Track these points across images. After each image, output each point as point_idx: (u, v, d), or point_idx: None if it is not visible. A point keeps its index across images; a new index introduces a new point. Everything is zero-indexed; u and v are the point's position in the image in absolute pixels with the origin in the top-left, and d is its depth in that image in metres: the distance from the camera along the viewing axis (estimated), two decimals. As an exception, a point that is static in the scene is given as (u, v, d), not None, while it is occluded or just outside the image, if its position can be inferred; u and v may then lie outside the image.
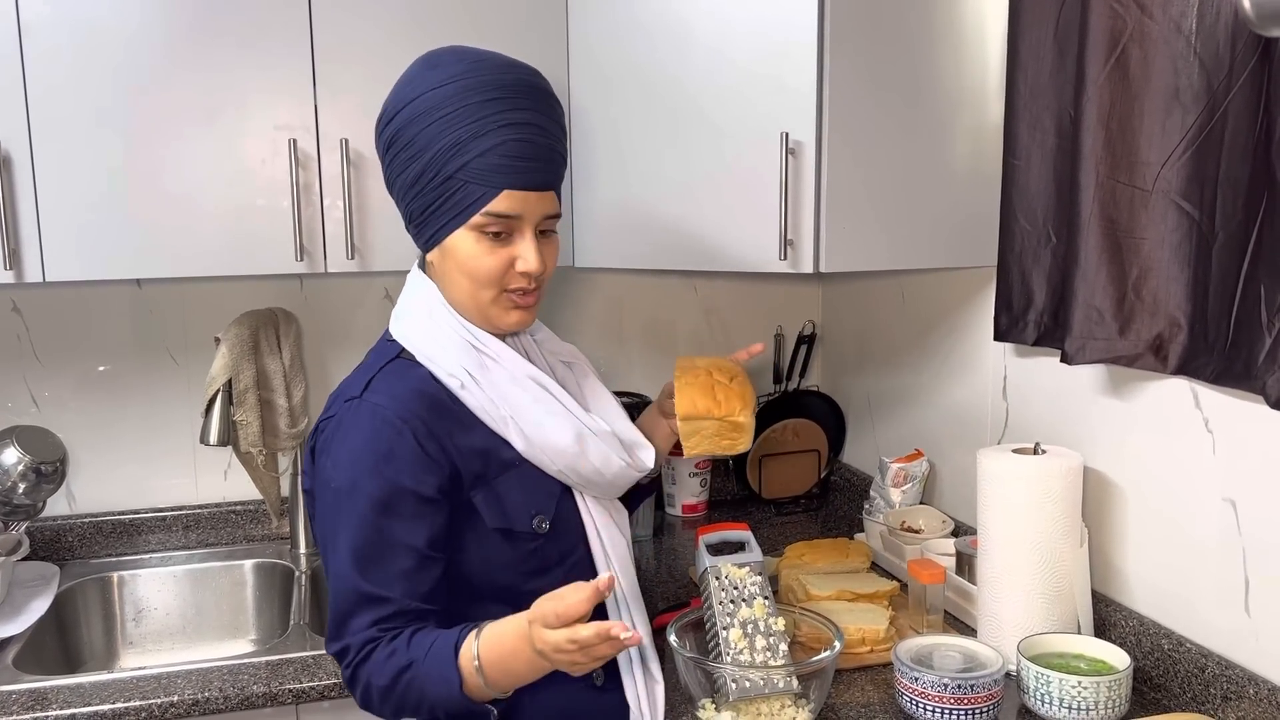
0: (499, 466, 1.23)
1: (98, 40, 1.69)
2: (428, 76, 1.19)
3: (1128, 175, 1.40)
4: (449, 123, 1.17)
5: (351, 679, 1.18)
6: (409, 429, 1.17)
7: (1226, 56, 1.27)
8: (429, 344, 1.24)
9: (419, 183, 1.20)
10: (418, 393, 1.20)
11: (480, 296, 1.23)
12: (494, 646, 1.12)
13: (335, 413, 1.22)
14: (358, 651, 1.16)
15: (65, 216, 1.71)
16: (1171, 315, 1.38)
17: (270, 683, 1.57)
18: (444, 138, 1.17)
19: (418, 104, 1.18)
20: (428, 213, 1.22)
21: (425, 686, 1.14)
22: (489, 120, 1.18)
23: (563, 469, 1.26)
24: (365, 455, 1.16)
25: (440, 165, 1.18)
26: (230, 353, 1.98)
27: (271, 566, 2.10)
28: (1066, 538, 1.47)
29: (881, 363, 2.24)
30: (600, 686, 1.31)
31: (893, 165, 1.64)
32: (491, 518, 1.22)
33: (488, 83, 1.18)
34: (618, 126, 1.77)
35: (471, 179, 1.18)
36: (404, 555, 1.16)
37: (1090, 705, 1.32)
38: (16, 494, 1.79)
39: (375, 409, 1.18)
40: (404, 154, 1.20)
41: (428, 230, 1.23)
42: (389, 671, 1.14)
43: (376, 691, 1.16)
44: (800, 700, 1.34)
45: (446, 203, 1.20)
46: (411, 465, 1.16)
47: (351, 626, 1.17)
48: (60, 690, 1.56)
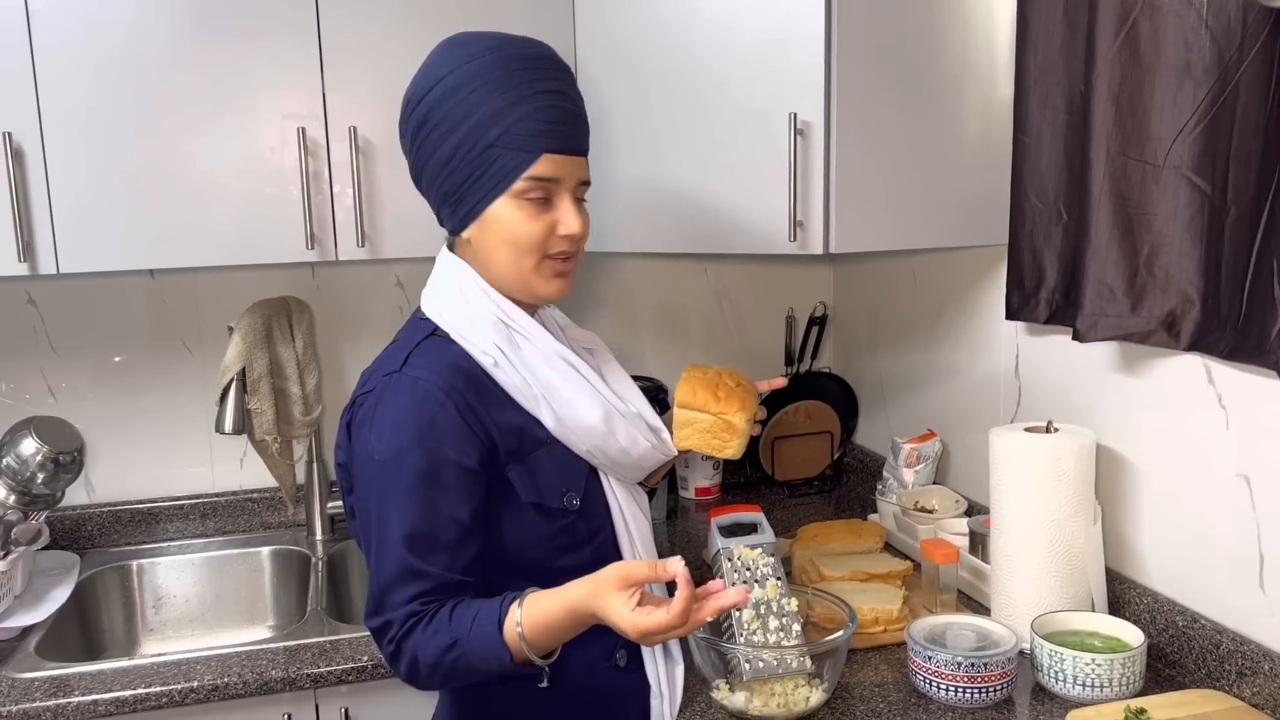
0: (532, 443, 1.24)
1: (107, 32, 1.69)
2: (456, 53, 1.21)
3: (1139, 151, 1.39)
4: (486, 92, 1.18)
5: (395, 654, 1.17)
6: (451, 401, 1.17)
7: (1238, 29, 1.26)
8: (462, 322, 1.24)
9: (455, 157, 1.20)
10: (455, 367, 1.21)
11: (523, 264, 1.24)
12: (537, 620, 1.12)
13: (373, 386, 1.21)
14: (400, 626, 1.16)
15: (77, 208, 1.72)
16: (1184, 291, 1.37)
17: (288, 667, 1.59)
18: (482, 107, 1.18)
19: (450, 80, 1.19)
20: (465, 187, 1.21)
21: (474, 662, 1.15)
22: (525, 87, 1.19)
23: (591, 449, 1.27)
24: (409, 426, 1.16)
25: (479, 135, 1.18)
26: (244, 341, 1.99)
27: (288, 553, 2.12)
28: (1080, 516, 1.47)
29: (893, 343, 2.24)
30: (623, 667, 1.32)
31: (902, 144, 1.64)
32: (526, 492, 1.23)
33: (518, 55, 1.21)
34: (625, 111, 1.76)
35: (512, 145, 1.19)
36: (448, 527, 1.16)
37: (1104, 683, 1.32)
38: (36, 484, 1.81)
39: (416, 381, 1.18)
40: (438, 131, 1.20)
41: (465, 205, 1.23)
42: (434, 650, 1.15)
43: (424, 667, 1.16)
44: (814, 680, 1.35)
45: (486, 173, 1.20)
46: (454, 437, 1.17)
47: (392, 600, 1.16)
48: (82, 677, 1.58)
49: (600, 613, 1.11)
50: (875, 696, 1.39)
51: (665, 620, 1.07)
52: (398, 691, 1.65)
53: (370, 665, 1.61)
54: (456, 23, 1.77)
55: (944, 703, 1.35)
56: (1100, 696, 1.33)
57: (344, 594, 2.09)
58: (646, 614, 1.08)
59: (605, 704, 1.32)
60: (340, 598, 2.06)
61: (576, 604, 1.12)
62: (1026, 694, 1.38)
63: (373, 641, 1.65)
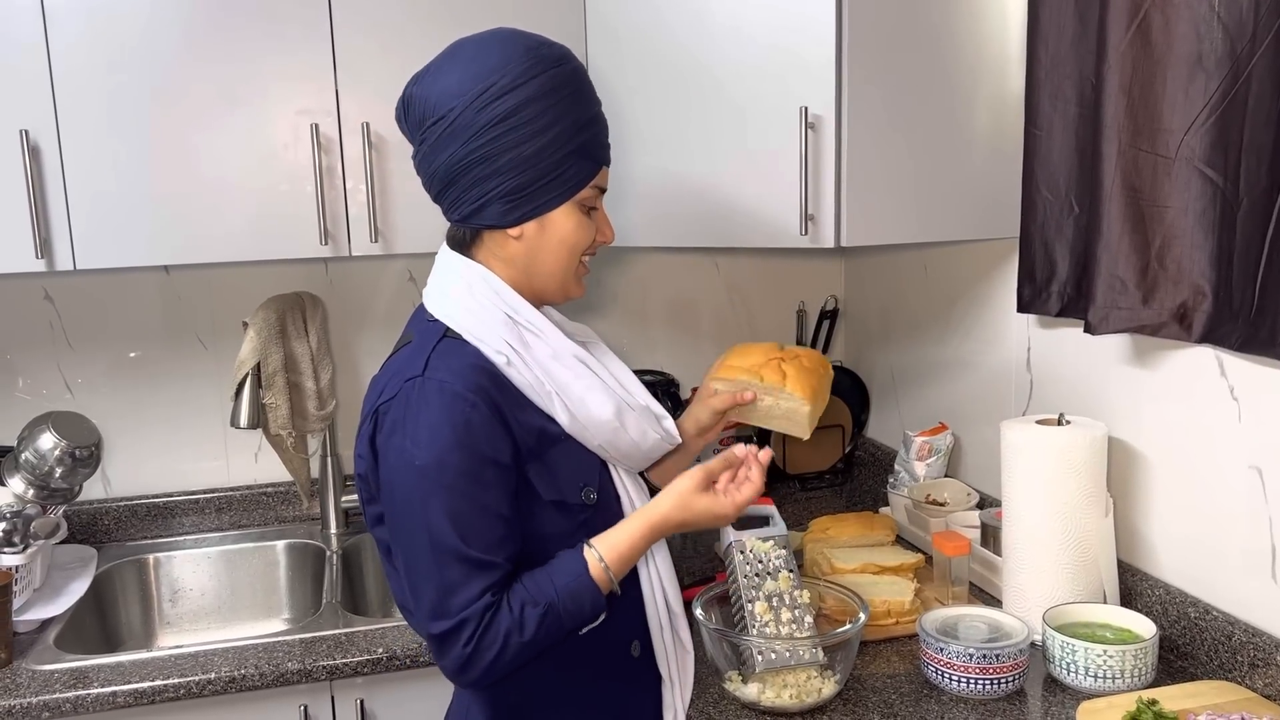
0: (548, 440, 1.25)
1: (122, 30, 1.71)
2: (541, 55, 1.22)
3: (1150, 143, 1.39)
4: (575, 101, 1.23)
5: (472, 653, 1.15)
6: (481, 400, 1.18)
7: (1250, 21, 1.26)
8: (472, 321, 1.25)
9: (538, 156, 1.21)
10: (477, 368, 1.21)
11: (570, 266, 1.30)
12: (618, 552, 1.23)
13: (397, 392, 1.21)
14: (479, 622, 1.15)
15: (93, 205, 1.73)
16: (1195, 283, 1.37)
17: (304, 659, 1.61)
18: (571, 115, 1.22)
19: (538, 83, 1.20)
20: (536, 186, 1.23)
21: (565, 620, 1.19)
22: (594, 104, 1.27)
23: (603, 443, 1.28)
24: (445, 429, 1.16)
25: (565, 140, 1.22)
26: (258, 337, 2.01)
27: (303, 546, 2.14)
28: (1091, 508, 1.47)
29: (904, 336, 2.24)
30: (638, 657, 1.33)
31: (913, 138, 1.64)
32: (546, 490, 1.23)
33: (579, 70, 1.27)
34: (636, 105, 1.77)
35: (587, 155, 1.25)
36: (498, 522, 1.18)
37: (1116, 674, 1.33)
38: (54, 478, 1.83)
39: (442, 385, 1.18)
40: (527, 128, 1.20)
41: (529, 204, 1.24)
42: (530, 623, 1.16)
43: (513, 649, 1.16)
44: (826, 672, 1.36)
45: (560, 176, 1.23)
46: (489, 435, 1.18)
47: (460, 599, 1.15)
48: (101, 669, 1.59)
49: (692, 516, 1.26)
50: (887, 688, 1.40)
51: (755, 485, 1.29)
52: (412, 683, 1.66)
53: (385, 657, 1.62)
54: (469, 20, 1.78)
55: (956, 694, 1.36)
56: (1112, 688, 1.33)
57: (358, 587, 2.10)
58: (738, 489, 1.29)
59: (620, 694, 1.33)
60: (355, 591, 2.08)
61: (660, 521, 1.25)
62: (1038, 685, 1.39)
63: (388, 634, 1.67)
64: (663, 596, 1.33)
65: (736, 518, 1.30)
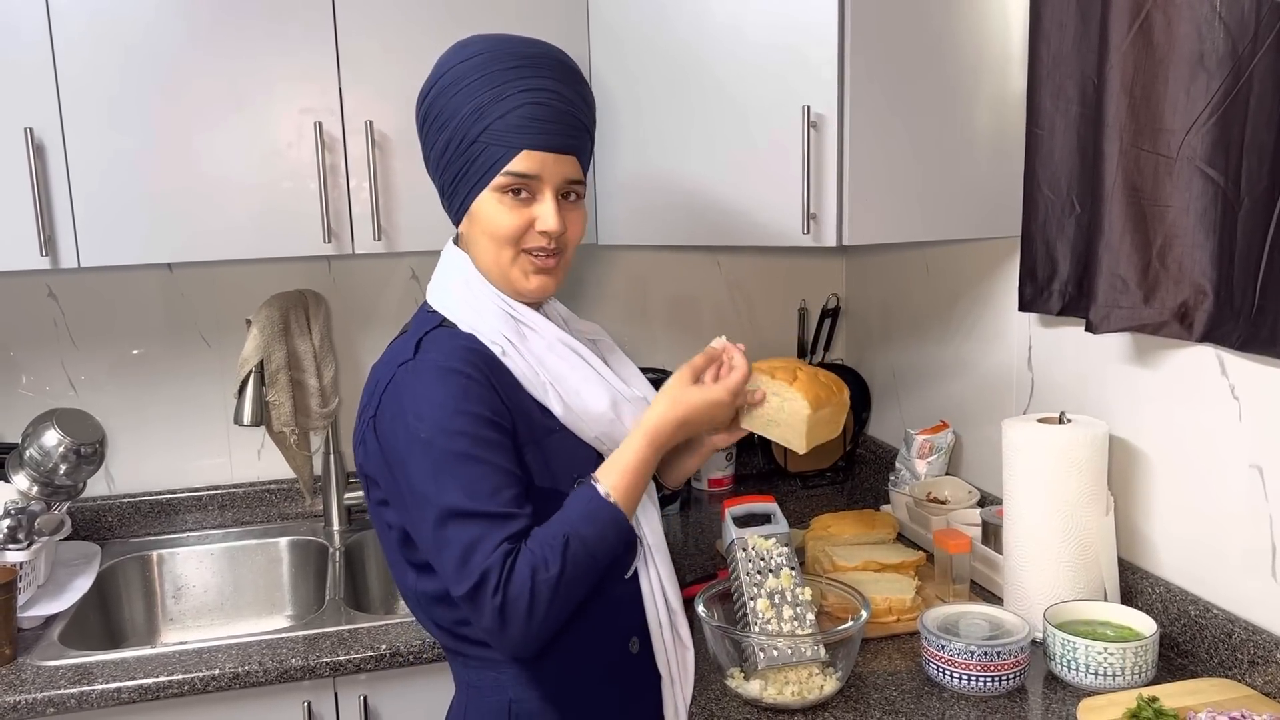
0: (543, 430, 1.26)
1: (126, 27, 1.71)
2: (456, 54, 1.26)
3: (1152, 143, 1.39)
4: (472, 91, 1.23)
5: (503, 603, 1.13)
6: (474, 371, 1.20)
7: (1251, 21, 1.26)
8: (469, 313, 1.27)
9: (447, 152, 1.26)
10: (468, 349, 1.23)
11: (501, 257, 1.27)
12: (616, 476, 1.22)
13: (391, 377, 1.22)
14: (501, 569, 1.13)
15: (97, 203, 1.74)
16: (1196, 282, 1.37)
17: (308, 656, 1.61)
18: (467, 104, 1.23)
19: (445, 78, 1.25)
20: (456, 181, 1.27)
21: (592, 546, 1.17)
22: (509, 85, 1.23)
23: (599, 435, 1.29)
24: (446, 401, 1.17)
25: (464, 131, 1.24)
26: (261, 334, 2.01)
27: (306, 543, 2.14)
28: (1092, 506, 1.47)
29: (906, 335, 2.24)
30: (636, 654, 1.34)
31: (915, 136, 1.64)
32: (540, 477, 1.24)
33: (510, 54, 1.25)
34: (639, 104, 1.77)
35: (493, 141, 1.23)
36: (510, 478, 1.18)
37: (1116, 671, 1.33)
38: (58, 475, 1.83)
39: (434, 362, 1.20)
40: (434, 126, 1.26)
41: (457, 199, 1.28)
42: (554, 557, 1.14)
43: (547, 586, 1.13)
44: (828, 669, 1.36)
45: (471, 168, 1.25)
46: (486, 400, 1.19)
47: (480, 553, 1.14)
48: (105, 665, 1.60)
49: (688, 410, 1.25)
50: (888, 685, 1.40)
51: (741, 368, 1.29)
52: (416, 679, 1.67)
53: (389, 654, 1.63)
54: (472, 19, 1.79)
55: (957, 691, 1.36)
56: (1112, 685, 1.34)
57: (361, 584, 2.11)
58: (725, 378, 1.29)
59: (620, 691, 1.33)
60: (358, 588, 2.08)
61: (657, 424, 1.24)
62: (1039, 683, 1.39)
63: (391, 630, 1.68)
64: (661, 594, 1.33)
65: (733, 404, 1.30)
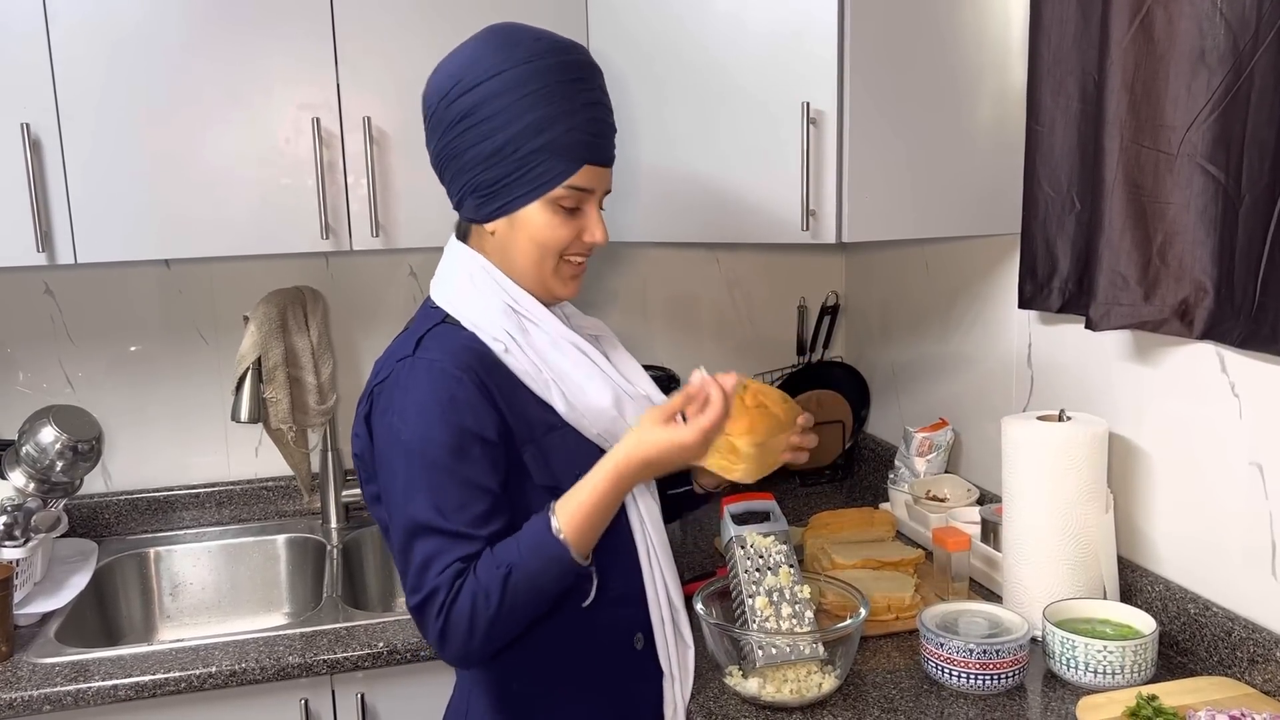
0: (544, 427, 1.26)
1: (123, 23, 1.71)
2: (508, 54, 1.22)
3: (1152, 139, 1.39)
4: (536, 100, 1.21)
5: (445, 624, 1.15)
6: (467, 377, 1.20)
7: (1252, 17, 1.25)
8: (471, 309, 1.27)
9: (497, 155, 1.22)
10: (468, 349, 1.23)
11: (545, 265, 1.28)
12: (572, 511, 1.18)
13: (390, 373, 1.23)
14: (449, 589, 1.14)
15: (94, 198, 1.73)
16: (1197, 279, 1.37)
17: (305, 653, 1.61)
18: (532, 112, 1.21)
19: (501, 80, 1.21)
20: (501, 184, 1.24)
21: (534, 579, 1.16)
22: (574, 99, 1.23)
23: (601, 432, 1.29)
24: (432, 406, 1.18)
25: (526, 139, 1.21)
26: (259, 331, 2.01)
27: (304, 541, 2.14)
28: (1092, 504, 1.47)
29: (905, 332, 2.24)
30: (640, 650, 1.34)
31: (915, 133, 1.64)
32: (540, 475, 1.24)
33: (567, 63, 1.24)
34: (638, 101, 1.77)
35: (557, 153, 1.23)
36: (481, 497, 1.18)
37: (1116, 669, 1.33)
38: (55, 472, 1.83)
39: (430, 363, 1.21)
40: (482, 127, 1.22)
41: (497, 200, 1.25)
42: (494, 587, 1.14)
43: (485, 615, 1.14)
44: (826, 667, 1.36)
45: (525, 175, 1.23)
46: (475, 410, 1.19)
47: (435, 569, 1.15)
48: (102, 662, 1.60)
49: (653, 451, 1.19)
50: (887, 683, 1.40)
51: (715, 408, 1.19)
52: (413, 677, 1.67)
53: (386, 651, 1.62)
54: (469, 15, 1.78)
55: (956, 689, 1.36)
56: (1112, 683, 1.33)
57: (359, 581, 2.10)
58: (697, 418, 1.19)
59: (623, 688, 1.33)
60: (355, 585, 2.08)
61: (621, 461, 1.19)
62: (1038, 681, 1.39)
63: (388, 628, 1.67)
64: (664, 590, 1.33)
65: (704, 446, 1.21)
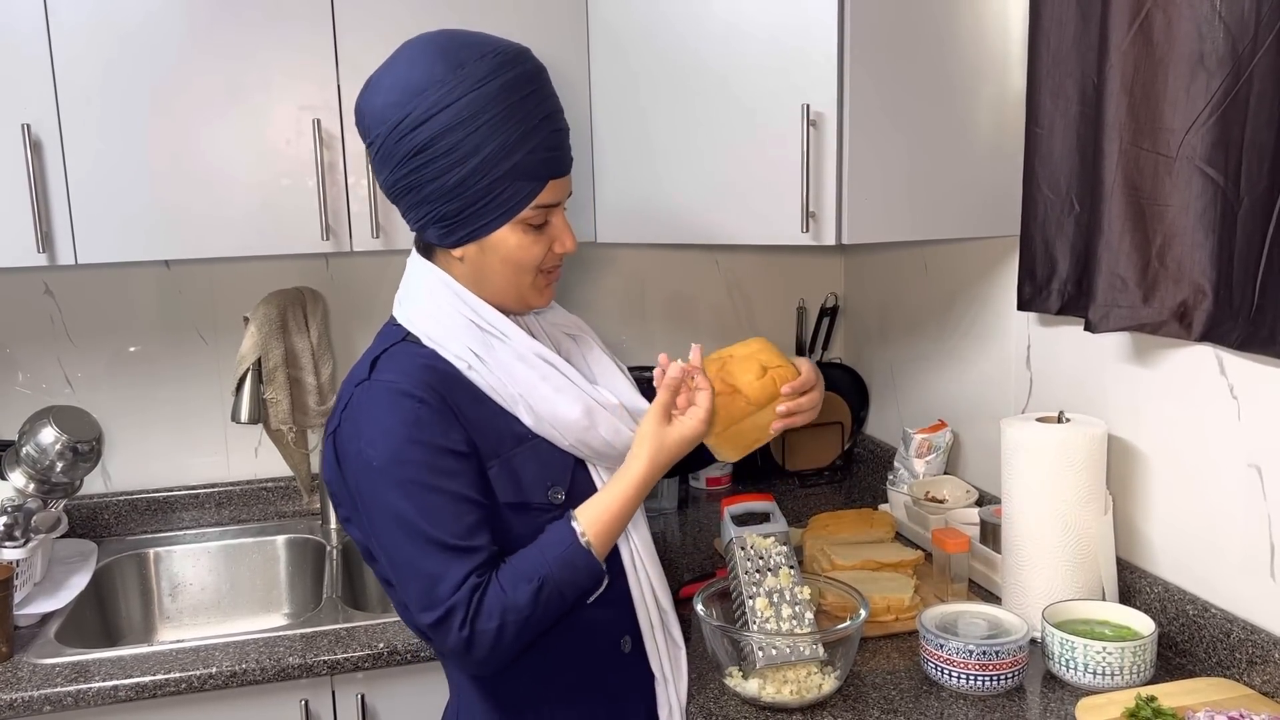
0: (513, 441, 1.24)
1: (123, 23, 1.71)
2: (456, 78, 1.16)
3: (1151, 142, 1.39)
4: (494, 127, 1.17)
5: (470, 636, 1.14)
6: (428, 396, 1.18)
7: (1251, 20, 1.26)
8: (433, 327, 1.25)
9: (460, 187, 1.19)
10: (425, 368, 1.21)
11: (522, 283, 1.26)
12: (597, 518, 1.21)
13: (350, 398, 1.21)
14: (468, 605, 1.14)
15: (95, 199, 1.73)
16: (1196, 282, 1.37)
17: (305, 654, 1.61)
18: (490, 142, 1.17)
19: (454, 110, 1.16)
20: (467, 213, 1.21)
21: (564, 590, 1.18)
22: (532, 117, 1.19)
23: (574, 443, 1.27)
24: (398, 428, 1.16)
25: (490, 168, 1.18)
26: (259, 332, 2.01)
27: (304, 542, 2.14)
28: (1091, 505, 1.47)
29: (904, 334, 2.24)
30: (627, 653, 1.33)
31: (915, 135, 1.64)
32: (504, 492, 1.22)
33: (519, 78, 1.19)
34: (638, 102, 1.77)
35: (520, 176, 1.19)
36: (469, 508, 1.17)
37: (1115, 671, 1.33)
38: (54, 472, 1.83)
39: (388, 386, 1.19)
40: (440, 162, 1.18)
41: (463, 229, 1.22)
42: (525, 599, 1.15)
43: (513, 627, 1.15)
44: (826, 668, 1.36)
45: (492, 202, 1.20)
46: (441, 426, 1.18)
47: (446, 586, 1.14)
48: (102, 663, 1.60)
49: (671, 454, 1.23)
50: (887, 684, 1.40)
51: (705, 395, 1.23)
52: (413, 677, 1.67)
53: (386, 652, 1.62)
54: (469, 15, 1.78)
55: (955, 690, 1.36)
56: (1111, 684, 1.34)
57: (359, 582, 2.10)
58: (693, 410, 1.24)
59: (612, 691, 1.33)
60: (355, 586, 2.08)
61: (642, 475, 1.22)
62: (1037, 682, 1.39)
63: (388, 629, 1.67)
64: (652, 594, 1.33)
65: (709, 428, 1.25)
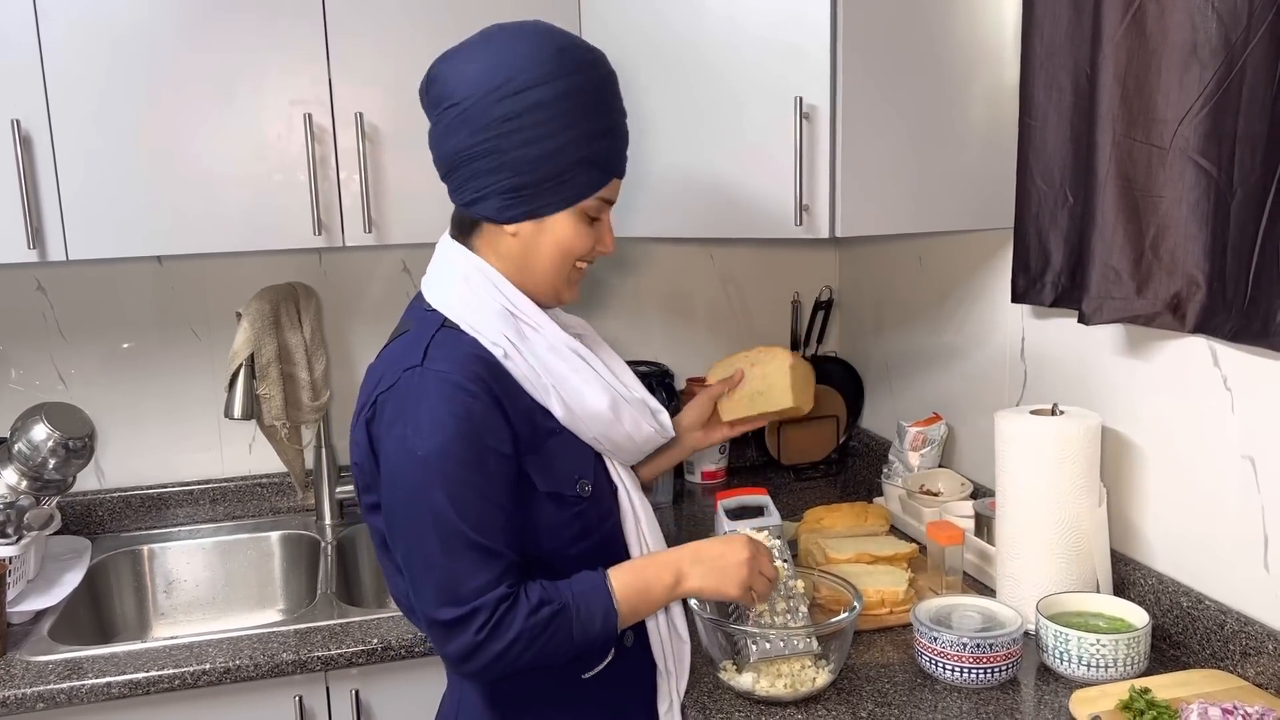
0: (545, 433, 1.25)
1: (114, 18, 1.70)
2: (558, 61, 1.20)
3: (1145, 133, 1.39)
4: (586, 111, 1.21)
5: (483, 642, 1.15)
6: (482, 391, 1.18)
7: (1244, 11, 1.26)
8: (470, 312, 1.25)
9: (542, 160, 1.21)
10: (475, 358, 1.21)
11: (563, 271, 1.29)
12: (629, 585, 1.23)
13: (396, 380, 1.20)
14: (493, 611, 1.15)
15: (86, 195, 1.73)
16: (1189, 274, 1.37)
17: (299, 650, 1.61)
18: (581, 125, 1.21)
19: (553, 87, 1.19)
20: (540, 187, 1.22)
21: (574, 627, 1.18)
22: (613, 113, 1.26)
23: (597, 435, 1.28)
24: (448, 420, 1.16)
25: (572, 149, 1.21)
26: (252, 327, 2.00)
27: (298, 538, 2.14)
28: (1085, 498, 1.47)
29: (899, 327, 2.24)
30: (630, 646, 1.33)
31: (908, 128, 1.63)
32: (543, 481, 1.23)
33: (609, 75, 1.26)
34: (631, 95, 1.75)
35: (594, 165, 1.24)
36: (500, 512, 1.18)
37: (1109, 663, 1.33)
38: (47, 469, 1.82)
39: (442, 375, 1.18)
40: (530, 131, 1.20)
41: (530, 204, 1.23)
42: (542, 619, 1.16)
43: (522, 644, 1.16)
44: (820, 661, 1.36)
45: (565, 183, 1.23)
46: (490, 425, 1.18)
47: (473, 586, 1.15)
48: (95, 660, 1.59)
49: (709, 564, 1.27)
50: (881, 677, 1.40)
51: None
52: (408, 673, 1.67)
53: (380, 648, 1.62)
54: (463, 11, 1.78)
55: (949, 683, 1.36)
56: (1105, 677, 1.34)
57: (353, 578, 2.10)
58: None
59: (614, 686, 1.33)
60: (349, 582, 2.08)
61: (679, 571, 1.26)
62: (1031, 674, 1.39)
63: (383, 624, 1.67)
64: None
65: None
